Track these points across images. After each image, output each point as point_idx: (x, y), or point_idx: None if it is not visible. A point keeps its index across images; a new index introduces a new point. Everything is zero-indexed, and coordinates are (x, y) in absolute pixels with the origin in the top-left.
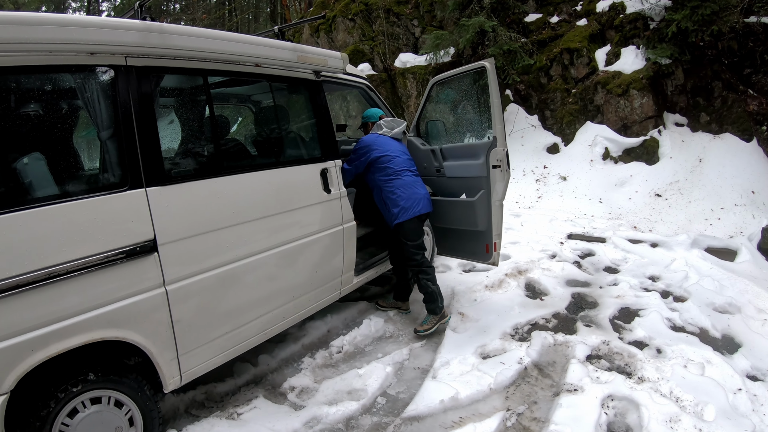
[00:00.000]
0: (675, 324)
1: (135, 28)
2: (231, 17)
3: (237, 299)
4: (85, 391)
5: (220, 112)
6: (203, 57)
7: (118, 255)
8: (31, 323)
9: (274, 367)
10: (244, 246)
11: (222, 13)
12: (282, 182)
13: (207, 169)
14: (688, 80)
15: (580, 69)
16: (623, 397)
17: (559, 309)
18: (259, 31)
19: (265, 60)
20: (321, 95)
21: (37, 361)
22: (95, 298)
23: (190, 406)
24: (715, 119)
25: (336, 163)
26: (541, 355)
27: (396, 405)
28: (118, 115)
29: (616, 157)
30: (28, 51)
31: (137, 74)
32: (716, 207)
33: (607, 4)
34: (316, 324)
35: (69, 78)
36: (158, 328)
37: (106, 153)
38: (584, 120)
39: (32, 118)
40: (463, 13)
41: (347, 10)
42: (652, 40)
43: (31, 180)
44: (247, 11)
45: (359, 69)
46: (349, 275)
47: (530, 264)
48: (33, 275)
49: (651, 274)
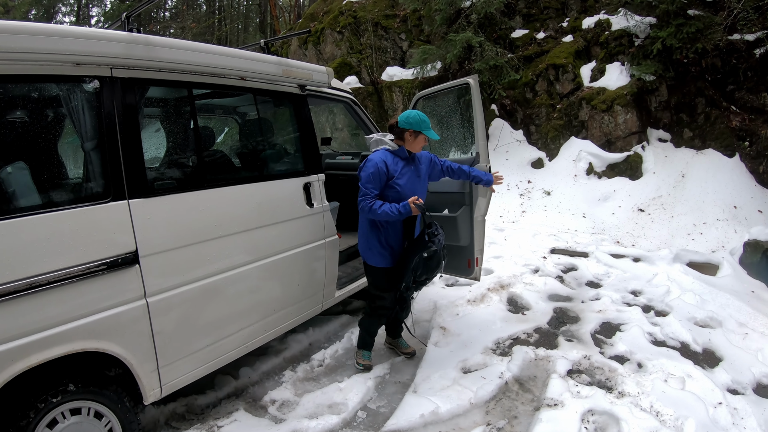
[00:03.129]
0: (656, 338)
1: (121, 39)
2: (220, 26)
3: (218, 312)
4: (65, 401)
5: (204, 124)
6: (189, 69)
7: (99, 266)
8: (11, 333)
9: (255, 380)
10: (226, 259)
11: (211, 22)
12: (265, 196)
13: (190, 181)
14: (672, 96)
15: (566, 85)
16: (603, 412)
17: (541, 324)
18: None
19: (250, 73)
20: (305, 109)
21: (17, 371)
22: (76, 308)
23: (170, 418)
24: (698, 135)
25: (319, 177)
26: (522, 370)
27: (376, 419)
28: (103, 126)
29: (600, 172)
30: (14, 60)
31: (122, 85)
32: (699, 222)
33: (593, 21)
34: (298, 337)
35: (54, 88)
36: (139, 339)
37: (89, 164)
38: (569, 135)
39: (16, 127)
40: (451, 28)
41: (336, 23)
42: (637, 57)
43: (14, 189)
44: (236, 21)
45: (346, 82)
46: (331, 289)
47: (513, 278)
48: (14, 285)
49: (633, 288)
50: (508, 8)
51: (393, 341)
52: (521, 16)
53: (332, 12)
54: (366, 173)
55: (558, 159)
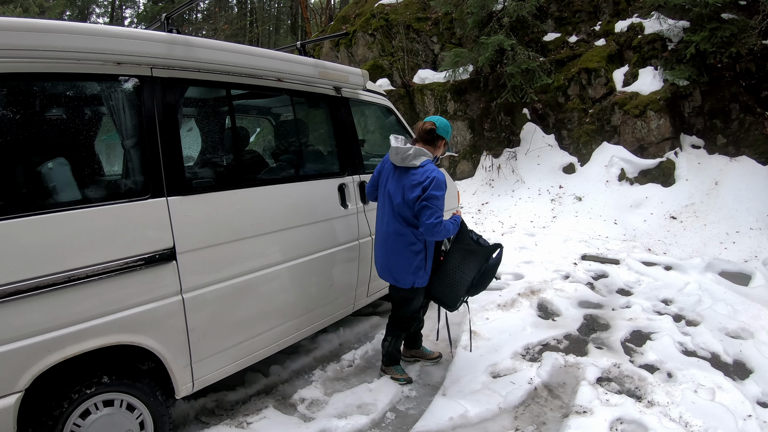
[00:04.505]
0: (687, 348)
1: (161, 39)
2: (252, 28)
3: (251, 310)
4: (98, 393)
5: (242, 125)
6: (227, 70)
7: (137, 261)
8: (49, 324)
9: (285, 378)
10: (261, 257)
11: (243, 24)
12: (300, 196)
13: (227, 180)
14: (706, 102)
15: (598, 89)
16: (632, 421)
17: (571, 330)
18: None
19: (287, 75)
20: (341, 111)
21: (53, 362)
22: (113, 302)
23: (200, 413)
24: (732, 142)
25: (354, 179)
26: (552, 376)
27: (405, 421)
28: (143, 125)
29: (632, 178)
30: (58, 59)
31: (162, 85)
32: (731, 230)
33: (626, 25)
34: (329, 337)
35: (95, 86)
36: (173, 334)
37: (129, 161)
38: (601, 140)
39: (58, 124)
40: (483, 31)
41: (367, 26)
42: (670, 62)
43: (55, 184)
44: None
45: (378, 84)
46: (363, 290)
47: (543, 284)
48: (53, 278)
49: (664, 297)
50: (540, 11)
51: (416, 351)
52: (553, 19)
53: (364, 14)
54: (442, 192)
55: (590, 164)
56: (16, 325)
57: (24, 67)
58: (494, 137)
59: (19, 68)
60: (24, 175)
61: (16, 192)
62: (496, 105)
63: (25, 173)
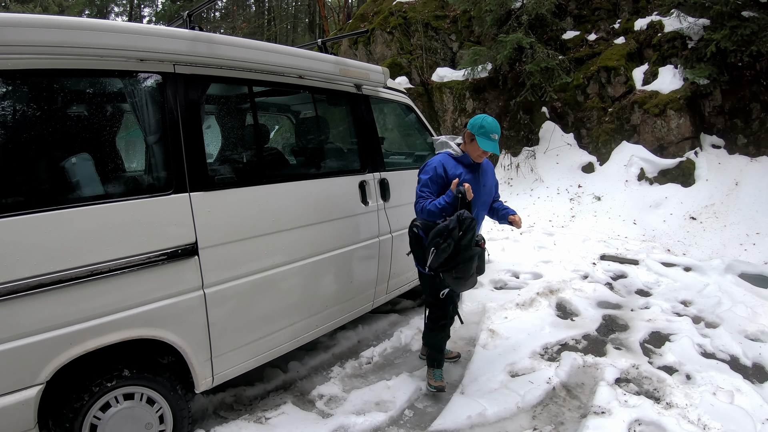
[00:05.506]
0: (706, 350)
1: (184, 36)
2: (270, 26)
3: (272, 305)
4: (118, 386)
5: (263, 121)
6: (249, 67)
7: (159, 256)
8: (71, 318)
9: (303, 374)
10: (281, 254)
11: (261, 22)
12: (321, 193)
13: (249, 176)
14: (726, 101)
15: (617, 88)
16: (651, 422)
17: (590, 330)
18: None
19: (308, 72)
20: (361, 108)
21: (74, 355)
22: (135, 296)
23: (218, 407)
24: (753, 142)
25: (374, 176)
26: (570, 376)
27: (423, 418)
28: (165, 121)
29: (652, 178)
30: (81, 55)
31: (185, 82)
32: (752, 232)
33: (645, 23)
34: (347, 334)
35: (118, 82)
36: (194, 329)
37: (152, 157)
38: (620, 139)
39: (82, 119)
40: (501, 29)
41: (386, 24)
42: (690, 60)
43: (79, 179)
44: (285, 21)
45: (397, 82)
46: (383, 287)
47: (562, 284)
48: (76, 272)
49: (683, 298)
50: (559, 9)
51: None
52: (572, 17)
53: (382, 12)
54: (424, 176)
55: (609, 163)
56: (38, 318)
57: (48, 64)
58: (513, 136)
59: (44, 65)
60: (48, 171)
61: (40, 187)
62: (515, 103)
63: (49, 168)
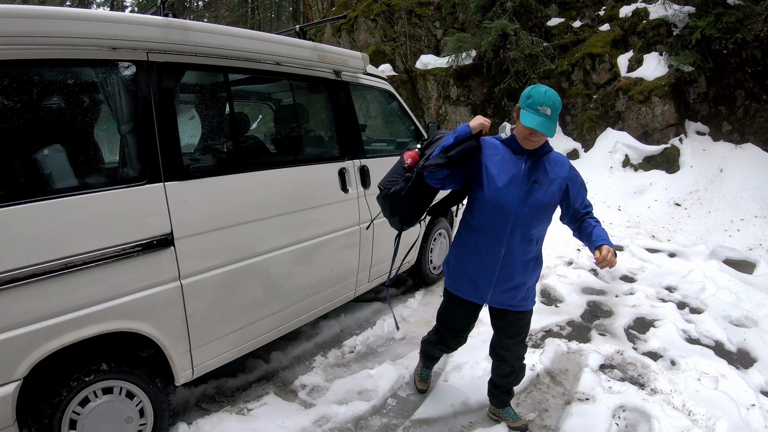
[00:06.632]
0: (690, 336)
1: (157, 24)
2: (253, 15)
3: (251, 295)
4: (97, 380)
5: (240, 109)
6: (224, 54)
7: (134, 248)
8: (47, 312)
9: (286, 364)
10: (260, 243)
11: (245, 11)
12: (300, 180)
13: (225, 165)
14: (711, 88)
15: (602, 75)
16: (635, 408)
17: (574, 317)
18: (280, 30)
19: (285, 58)
20: (341, 94)
21: (51, 350)
22: (111, 289)
23: (200, 399)
24: (737, 129)
25: (354, 163)
26: (554, 363)
27: (406, 407)
28: (139, 110)
29: (636, 164)
30: (51, 44)
31: (158, 70)
32: (736, 218)
33: (631, 10)
34: (330, 323)
35: (91, 72)
36: (172, 321)
37: (125, 147)
38: (605, 126)
39: (53, 111)
40: (486, 15)
41: (369, 11)
42: (675, 47)
43: (51, 171)
44: (269, 9)
45: (380, 70)
46: (365, 275)
47: (546, 270)
48: (50, 265)
49: (668, 284)
50: None
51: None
52: (557, 4)
53: (366, 0)
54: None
55: (593, 150)
56: (13, 313)
57: (18, 54)
58: (497, 123)
59: (14, 55)
60: (20, 163)
61: (12, 180)
62: (499, 90)
63: (21, 161)
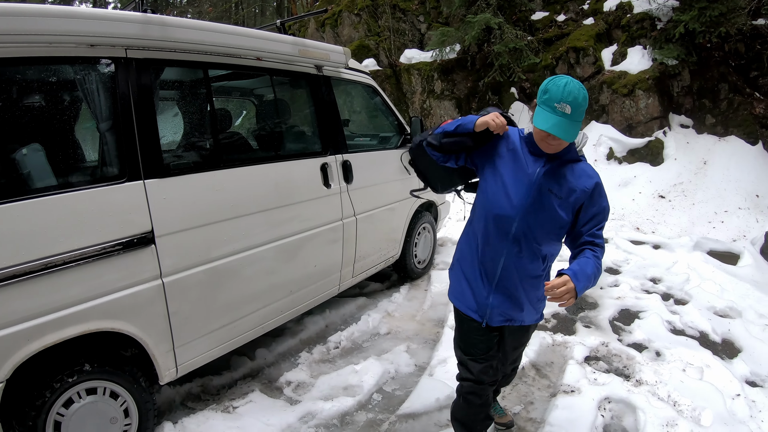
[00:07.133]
0: (675, 327)
1: (135, 20)
2: (237, 10)
3: (234, 292)
4: (80, 381)
5: (222, 105)
6: (204, 50)
7: (115, 246)
8: (28, 313)
9: (271, 361)
10: (242, 239)
11: (228, 6)
12: (281, 176)
13: (206, 162)
14: (695, 82)
15: (586, 68)
16: (620, 400)
17: (559, 309)
18: (263, 25)
19: (266, 54)
20: (322, 89)
21: (33, 351)
22: (92, 288)
23: (185, 398)
24: (721, 122)
25: (336, 158)
26: (539, 355)
27: (391, 402)
28: (118, 107)
29: (621, 157)
30: (29, 42)
31: (137, 66)
32: (720, 210)
33: (615, 4)
34: (314, 319)
35: (69, 69)
36: (154, 319)
37: (104, 144)
38: (589, 119)
39: (32, 109)
40: (470, 9)
41: (353, 5)
42: (659, 41)
43: (30, 171)
44: (253, 4)
45: (364, 65)
46: (348, 270)
47: None
48: (30, 265)
49: (652, 276)
50: None
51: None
52: None
53: None
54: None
55: None
56: None
57: None
58: None
59: None
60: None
61: None
62: (483, 84)
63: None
